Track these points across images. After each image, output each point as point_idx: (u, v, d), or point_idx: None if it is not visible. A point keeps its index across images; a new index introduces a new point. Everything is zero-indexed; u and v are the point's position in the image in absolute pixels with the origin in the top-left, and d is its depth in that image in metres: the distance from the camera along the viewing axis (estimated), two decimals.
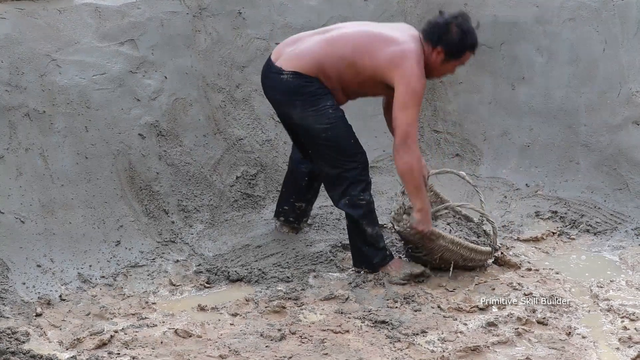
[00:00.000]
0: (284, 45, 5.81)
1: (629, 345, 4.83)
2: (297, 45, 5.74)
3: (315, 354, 4.71)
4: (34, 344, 4.85)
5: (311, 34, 5.80)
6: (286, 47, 5.77)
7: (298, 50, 5.70)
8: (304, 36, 5.81)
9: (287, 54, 5.72)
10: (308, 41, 5.74)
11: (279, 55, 5.74)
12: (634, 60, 7.00)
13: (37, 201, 5.80)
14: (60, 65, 6.16)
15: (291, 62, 5.67)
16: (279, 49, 5.79)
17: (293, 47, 5.74)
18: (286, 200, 6.25)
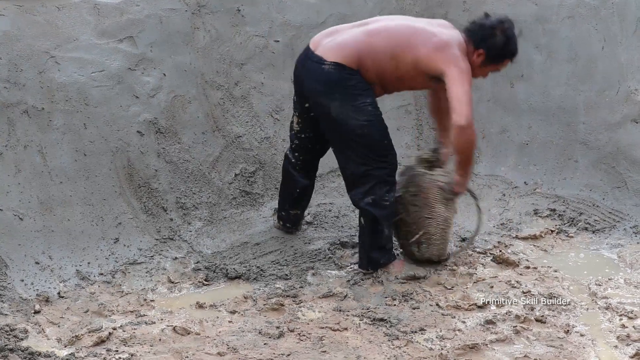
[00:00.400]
0: (322, 35, 5.75)
1: (627, 343, 4.83)
2: (336, 37, 5.67)
3: (313, 352, 4.71)
4: (32, 341, 4.85)
5: (350, 26, 5.74)
6: (325, 37, 5.71)
7: (339, 41, 5.63)
8: (343, 28, 5.75)
9: (326, 43, 5.64)
10: (347, 33, 5.67)
11: (317, 44, 5.67)
12: (633, 58, 7.00)
13: (35, 198, 5.80)
14: (59, 62, 6.16)
15: (332, 52, 5.59)
16: (317, 39, 5.72)
17: (332, 38, 5.67)
18: (283, 207, 6.25)
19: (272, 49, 6.99)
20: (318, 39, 5.73)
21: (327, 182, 6.87)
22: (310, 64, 5.67)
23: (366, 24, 5.72)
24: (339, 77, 5.56)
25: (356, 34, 5.64)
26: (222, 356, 4.66)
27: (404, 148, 7.17)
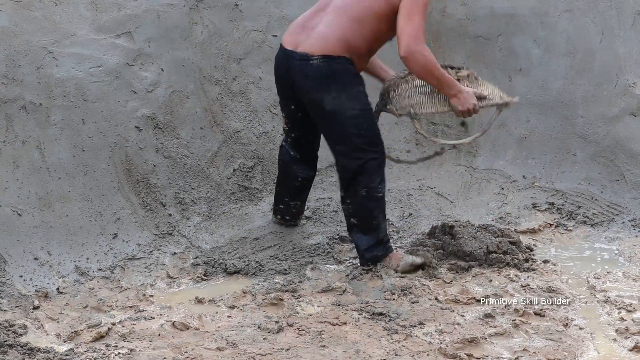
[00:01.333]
0: (293, 33, 5.66)
1: (625, 336, 4.83)
2: (312, 29, 5.59)
3: (312, 346, 4.71)
4: (31, 336, 4.85)
5: (311, 15, 5.66)
6: (298, 34, 5.62)
7: (319, 33, 5.55)
8: (307, 19, 5.67)
9: (306, 39, 5.57)
10: (319, 21, 5.59)
11: (296, 42, 5.60)
12: (631, 51, 7.00)
13: (34, 194, 5.80)
14: (57, 58, 6.16)
15: (317, 46, 5.53)
16: (292, 38, 5.63)
17: (306, 33, 5.59)
18: (281, 199, 6.21)
19: (270, 43, 6.99)
20: (292, 37, 5.64)
21: (326, 176, 6.87)
22: (296, 63, 5.58)
23: (326, 5, 5.63)
24: (330, 69, 5.51)
25: (329, 19, 5.56)
26: (222, 351, 4.66)
27: (403, 142, 7.18)
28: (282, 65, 5.71)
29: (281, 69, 5.74)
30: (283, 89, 5.81)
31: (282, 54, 5.70)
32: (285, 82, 5.72)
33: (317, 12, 5.67)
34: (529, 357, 4.60)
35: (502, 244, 5.85)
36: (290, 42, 5.65)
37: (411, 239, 6.23)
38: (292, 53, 5.60)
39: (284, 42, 5.71)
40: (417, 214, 6.62)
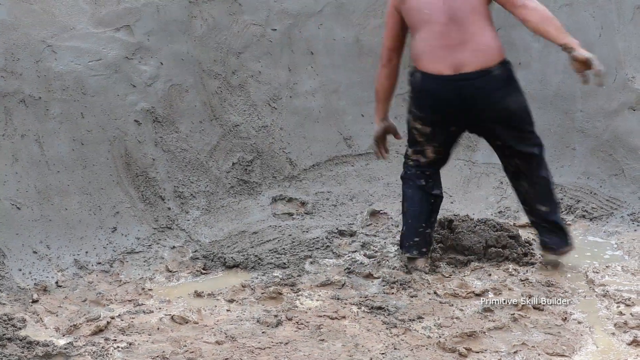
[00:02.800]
0: (438, 59, 5.50)
1: (624, 330, 4.83)
2: (460, 46, 5.50)
3: (311, 340, 4.71)
4: (30, 330, 4.85)
5: (439, 35, 5.53)
6: (447, 57, 5.48)
7: (476, 46, 5.49)
8: (439, 40, 5.52)
9: (468, 56, 5.48)
10: (458, 37, 5.50)
11: (454, 65, 5.47)
12: (630, 45, 7.00)
13: (33, 187, 5.80)
14: (56, 51, 6.15)
15: (486, 57, 5.50)
16: (443, 63, 5.48)
17: (457, 51, 5.49)
18: (416, 232, 5.77)
19: (269, 37, 6.98)
20: (443, 63, 5.49)
21: (325, 170, 6.88)
22: (474, 83, 5.46)
23: (443, 19, 5.55)
24: (506, 74, 5.54)
25: (470, 30, 5.53)
26: (220, 345, 4.66)
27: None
28: (449, 92, 5.49)
29: (448, 96, 5.49)
30: (446, 116, 5.58)
31: (444, 82, 5.49)
32: (455, 107, 5.52)
33: (441, 31, 5.54)
34: (528, 351, 4.60)
35: (501, 238, 5.85)
36: (445, 67, 5.50)
37: None
38: (464, 75, 5.47)
39: (433, 70, 5.50)
40: None
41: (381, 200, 6.59)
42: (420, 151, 5.70)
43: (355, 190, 6.76)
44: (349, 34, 7.28)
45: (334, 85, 7.11)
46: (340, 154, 7.05)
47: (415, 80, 5.58)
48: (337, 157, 7.03)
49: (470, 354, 4.57)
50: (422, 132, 5.64)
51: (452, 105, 5.52)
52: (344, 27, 7.25)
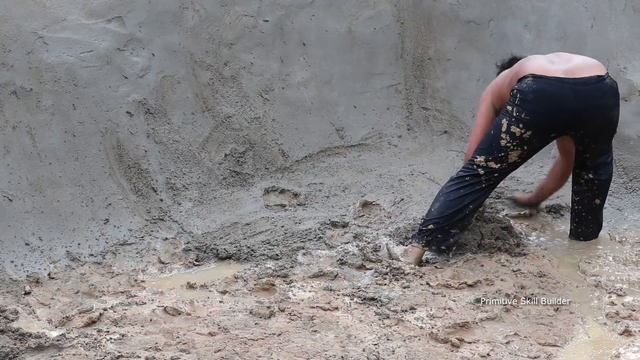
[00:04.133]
0: (554, 64, 5.74)
1: (616, 320, 4.85)
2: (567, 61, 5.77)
3: (304, 331, 4.72)
4: (22, 322, 4.85)
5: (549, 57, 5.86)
6: (559, 65, 5.74)
7: (582, 59, 5.81)
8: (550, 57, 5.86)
9: (579, 66, 5.73)
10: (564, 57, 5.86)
11: (570, 71, 5.68)
12: (622, 36, 7.00)
13: (25, 179, 5.79)
14: (47, 43, 6.13)
15: (596, 68, 5.74)
16: (559, 68, 5.70)
17: (566, 63, 5.75)
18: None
19: (261, 28, 6.97)
20: (558, 68, 5.71)
21: (317, 162, 6.88)
22: (591, 88, 5.67)
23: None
24: (614, 84, 5.79)
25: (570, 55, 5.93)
26: (213, 336, 4.66)
27: (394, 127, 7.18)
28: (567, 94, 5.64)
29: (565, 97, 5.64)
30: (559, 121, 5.71)
31: (562, 84, 5.65)
32: (571, 110, 5.66)
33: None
34: (520, 341, 4.62)
35: (494, 230, 5.86)
36: (563, 71, 5.69)
37: (403, 224, 6.24)
38: (581, 80, 5.66)
39: (551, 72, 5.68)
40: (408, 199, 6.63)
41: (373, 192, 6.58)
42: (500, 158, 5.75)
43: (347, 181, 6.76)
44: (341, 25, 7.28)
45: (326, 77, 7.11)
46: (333, 145, 7.05)
47: (528, 83, 5.66)
48: (329, 149, 7.02)
49: (462, 345, 4.58)
50: (518, 139, 5.69)
51: (564, 108, 5.67)
52: (336, 18, 7.24)
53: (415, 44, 7.49)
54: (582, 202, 6.00)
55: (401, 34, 7.47)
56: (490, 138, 5.75)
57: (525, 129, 5.65)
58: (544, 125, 5.69)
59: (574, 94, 5.63)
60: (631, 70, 6.93)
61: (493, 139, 5.73)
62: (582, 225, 6.04)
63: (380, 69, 7.24)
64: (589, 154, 5.89)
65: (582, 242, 5.99)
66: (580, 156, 5.93)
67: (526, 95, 5.62)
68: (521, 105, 5.63)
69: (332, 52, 7.24)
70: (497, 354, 4.50)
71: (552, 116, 5.66)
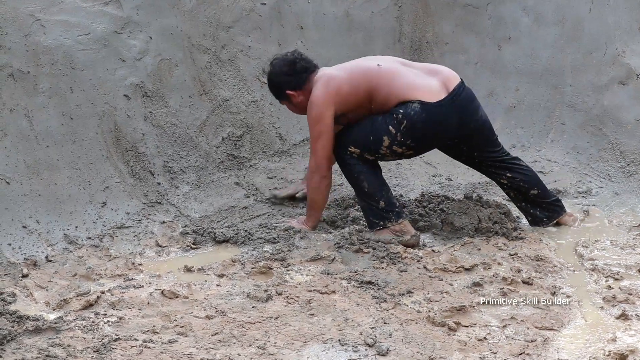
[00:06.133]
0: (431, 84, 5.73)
1: (613, 304, 4.86)
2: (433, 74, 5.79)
3: (301, 315, 4.72)
4: (20, 304, 4.85)
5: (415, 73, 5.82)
6: (430, 79, 5.75)
7: (442, 71, 5.83)
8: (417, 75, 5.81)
9: (443, 78, 5.77)
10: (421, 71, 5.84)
11: (443, 85, 5.72)
12: (620, 20, 7.00)
13: (22, 162, 5.78)
14: (45, 25, 6.12)
15: (452, 73, 5.83)
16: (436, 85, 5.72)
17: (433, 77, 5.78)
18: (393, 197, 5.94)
19: (258, 12, 6.96)
20: (436, 85, 5.72)
21: None
22: (468, 92, 5.80)
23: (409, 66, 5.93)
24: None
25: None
26: (211, 319, 4.67)
27: None
28: (452, 114, 5.70)
29: (451, 118, 5.71)
30: (444, 140, 5.86)
31: (446, 106, 5.68)
32: (456, 127, 5.76)
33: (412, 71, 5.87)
34: (517, 325, 4.63)
35: (492, 214, 5.87)
36: (442, 89, 5.72)
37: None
38: (455, 91, 5.72)
39: (435, 95, 5.69)
40: (405, 182, 6.64)
41: None
42: (376, 156, 5.82)
43: None
44: (338, 8, 7.27)
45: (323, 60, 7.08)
46: None
47: (416, 111, 5.65)
48: None
49: (459, 328, 4.59)
50: (398, 154, 5.82)
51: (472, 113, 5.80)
52: (334, 1, 7.24)
53: (413, 28, 7.48)
54: (521, 195, 5.99)
55: (399, 18, 7.46)
56: (369, 141, 5.75)
57: (408, 150, 5.78)
58: (429, 146, 5.89)
59: (455, 110, 5.71)
60: (629, 54, 6.93)
61: (371, 144, 5.75)
62: (536, 208, 6.00)
63: (377, 53, 7.22)
64: (482, 160, 5.95)
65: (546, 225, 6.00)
66: (481, 165, 5.99)
67: (415, 124, 5.64)
68: (407, 133, 5.66)
69: (329, 35, 7.23)
70: (494, 338, 4.51)
71: (437, 139, 5.83)
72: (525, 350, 4.37)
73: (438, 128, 5.69)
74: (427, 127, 5.65)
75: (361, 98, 5.75)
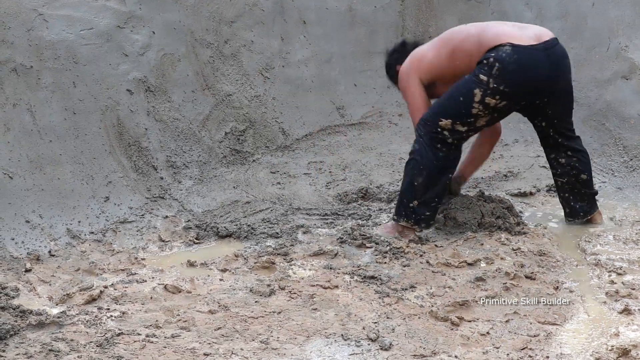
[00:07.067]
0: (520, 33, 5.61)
1: (615, 299, 4.85)
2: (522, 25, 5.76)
3: (304, 309, 4.72)
4: (23, 299, 4.86)
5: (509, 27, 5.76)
6: (524, 31, 5.65)
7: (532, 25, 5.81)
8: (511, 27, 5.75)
9: (536, 28, 5.73)
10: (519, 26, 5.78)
11: (535, 36, 5.62)
12: (623, 14, 6.99)
13: (25, 157, 5.78)
14: (48, 20, 6.12)
15: (546, 31, 5.71)
16: (526, 35, 5.61)
17: (523, 27, 5.72)
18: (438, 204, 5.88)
19: (261, 6, 6.96)
20: (525, 34, 5.62)
21: (318, 140, 6.87)
22: (558, 49, 5.67)
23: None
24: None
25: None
26: (213, 314, 4.67)
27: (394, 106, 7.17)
28: (543, 61, 5.58)
29: (542, 64, 5.59)
30: (534, 89, 5.66)
31: (538, 52, 5.57)
32: (546, 76, 5.62)
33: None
34: (520, 319, 4.62)
35: (495, 209, 5.86)
36: (530, 38, 5.61)
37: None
38: (549, 43, 5.62)
39: (525, 40, 5.58)
40: None
41: (374, 170, 6.58)
42: (468, 122, 5.64)
43: (347, 160, 6.77)
44: (341, 3, 7.26)
45: (326, 55, 7.10)
46: (333, 124, 7.05)
47: (508, 53, 5.52)
48: (329, 127, 7.03)
49: (462, 323, 4.59)
50: (491, 110, 5.61)
51: (542, 76, 5.61)
52: None
53: (416, 22, 7.48)
54: (570, 182, 5.91)
55: (402, 12, 7.46)
56: (459, 104, 5.60)
57: (501, 100, 5.57)
58: (520, 95, 5.62)
59: (547, 58, 5.58)
60: (632, 48, 6.92)
61: (462, 106, 5.59)
62: (577, 201, 5.94)
63: (380, 47, 7.22)
64: (556, 130, 5.80)
65: (582, 220, 5.94)
66: (549, 138, 5.85)
67: (507, 66, 5.50)
68: (500, 76, 5.50)
69: (332, 30, 7.23)
70: (497, 332, 4.51)
71: (530, 85, 5.60)
72: (527, 345, 4.37)
73: (530, 73, 5.54)
74: (520, 70, 5.50)
75: (446, 59, 5.71)
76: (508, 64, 5.48)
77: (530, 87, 5.59)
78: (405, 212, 5.72)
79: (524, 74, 5.53)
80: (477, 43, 5.61)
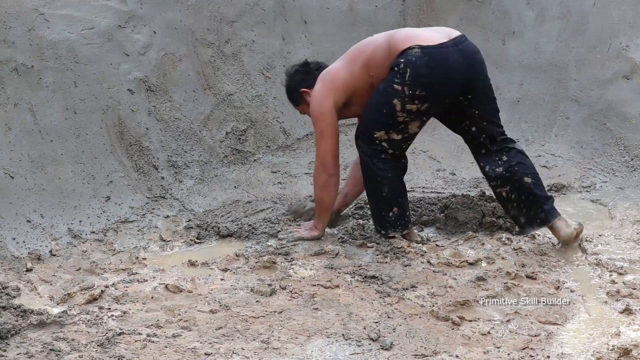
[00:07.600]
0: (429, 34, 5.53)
1: (616, 299, 4.85)
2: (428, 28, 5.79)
3: (305, 309, 4.72)
4: (24, 298, 4.86)
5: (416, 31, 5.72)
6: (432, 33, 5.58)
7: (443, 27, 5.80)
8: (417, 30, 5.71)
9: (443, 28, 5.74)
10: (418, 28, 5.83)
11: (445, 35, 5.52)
12: (625, 14, 6.99)
13: (26, 156, 5.78)
14: (49, 20, 6.12)
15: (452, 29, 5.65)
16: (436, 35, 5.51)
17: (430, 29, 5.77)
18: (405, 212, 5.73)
19: (262, 5, 6.96)
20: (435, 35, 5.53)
21: None
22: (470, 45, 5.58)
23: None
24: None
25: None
26: (214, 314, 4.67)
27: None
28: (456, 57, 5.48)
29: (455, 61, 5.48)
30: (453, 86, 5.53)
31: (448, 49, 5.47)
32: (463, 72, 5.51)
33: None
34: (521, 319, 4.62)
35: (496, 209, 5.86)
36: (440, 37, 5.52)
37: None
38: (458, 39, 5.53)
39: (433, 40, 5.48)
40: (409, 177, 6.63)
41: None
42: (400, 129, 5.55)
43: (348, 159, 6.76)
44: (342, 2, 7.26)
45: (327, 54, 7.09)
46: None
47: (417, 56, 5.42)
48: None
49: (463, 323, 4.59)
50: (416, 114, 5.50)
51: (461, 73, 5.49)
52: None
53: (417, 22, 7.47)
54: (515, 189, 5.61)
55: (403, 12, 7.45)
56: (384, 116, 5.51)
57: (422, 103, 5.46)
58: (441, 95, 5.50)
59: (460, 53, 5.47)
60: (633, 48, 6.92)
61: (388, 117, 5.51)
62: (530, 209, 5.61)
63: None
64: (487, 134, 5.64)
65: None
66: (481, 146, 5.68)
67: (419, 70, 5.40)
68: (414, 82, 5.40)
69: (333, 29, 7.23)
70: (498, 332, 4.51)
71: (447, 84, 5.48)
72: (529, 345, 4.37)
73: (444, 71, 5.43)
74: (433, 72, 5.40)
75: (360, 73, 5.58)
76: (419, 68, 5.40)
77: (448, 84, 5.48)
78: (390, 223, 5.64)
79: (438, 74, 5.43)
80: (387, 50, 5.51)
